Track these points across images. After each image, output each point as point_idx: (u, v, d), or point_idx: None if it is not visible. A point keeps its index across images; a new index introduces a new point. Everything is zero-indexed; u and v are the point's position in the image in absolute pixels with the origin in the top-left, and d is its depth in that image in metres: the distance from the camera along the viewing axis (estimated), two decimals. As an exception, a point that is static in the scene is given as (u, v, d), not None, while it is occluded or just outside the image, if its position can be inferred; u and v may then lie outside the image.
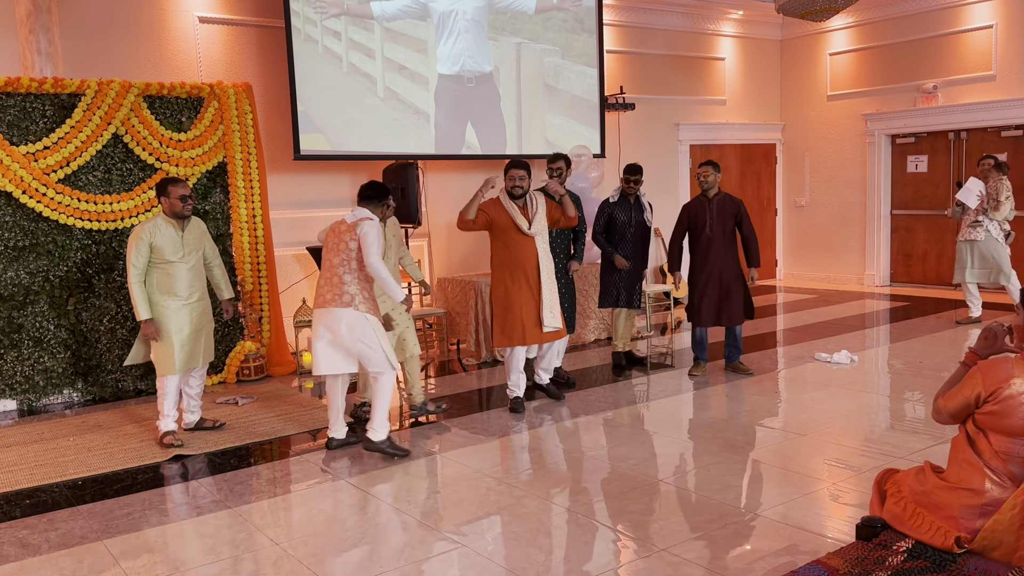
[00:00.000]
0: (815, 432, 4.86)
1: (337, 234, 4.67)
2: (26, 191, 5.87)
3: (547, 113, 9.11)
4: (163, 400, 4.95)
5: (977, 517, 2.54)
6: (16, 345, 5.96)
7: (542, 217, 5.48)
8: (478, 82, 8.58)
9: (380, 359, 4.59)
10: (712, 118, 11.35)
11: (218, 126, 6.58)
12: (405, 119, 8.17)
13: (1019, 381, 2.51)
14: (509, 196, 5.43)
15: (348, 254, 4.60)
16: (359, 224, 4.58)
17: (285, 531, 3.71)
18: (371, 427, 4.63)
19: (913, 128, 10.53)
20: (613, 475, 4.27)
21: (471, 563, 3.30)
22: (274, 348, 6.89)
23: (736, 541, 3.41)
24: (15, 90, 5.85)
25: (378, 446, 4.63)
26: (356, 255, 4.59)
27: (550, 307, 5.45)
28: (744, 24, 11.39)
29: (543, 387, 5.89)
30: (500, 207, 5.42)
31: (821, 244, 11.70)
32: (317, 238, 5.33)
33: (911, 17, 10.39)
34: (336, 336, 4.58)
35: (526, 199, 5.47)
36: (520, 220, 5.37)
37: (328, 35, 7.72)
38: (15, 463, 4.74)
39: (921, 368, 6.40)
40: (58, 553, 3.53)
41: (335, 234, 4.68)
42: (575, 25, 9.21)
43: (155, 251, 4.88)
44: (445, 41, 8.34)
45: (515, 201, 5.43)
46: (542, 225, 5.47)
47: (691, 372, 6.36)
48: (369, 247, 4.52)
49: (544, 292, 5.42)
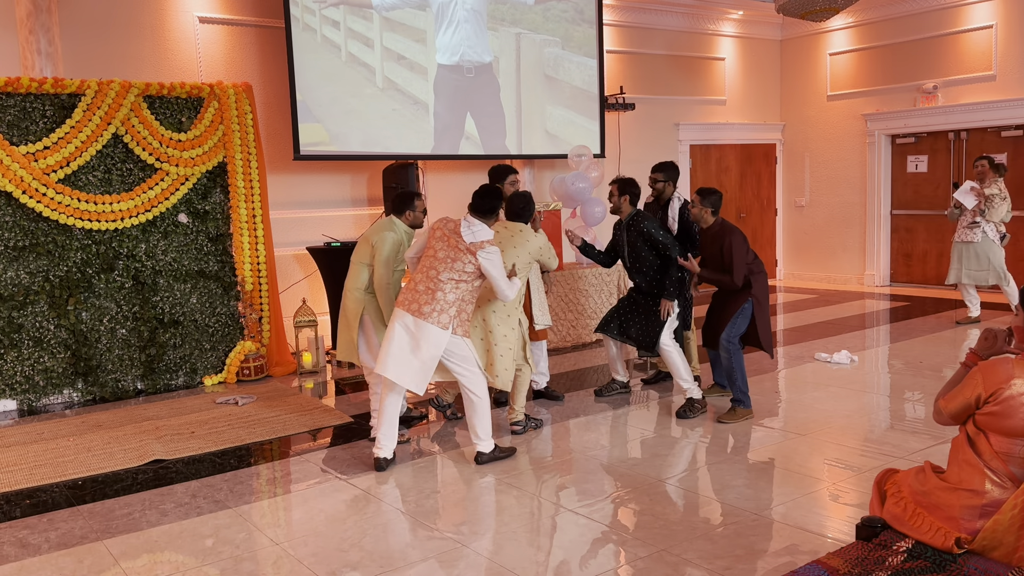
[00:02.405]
0: (815, 432, 4.86)
1: (450, 245, 4.32)
2: (26, 191, 5.87)
3: (547, 104, 9.10)
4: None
5: (977, 518, 2.54)
6: (16, 345, 5.96)
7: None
8: (477, 72, 8.56)
9: (477, 377, 4.41)
10: (712, 118, 11.35)
11: (218, 126, 6.58)
12: (404, 109, 8.16)
13: (1019, 382, 2.51)
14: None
15: (462, 275, 4.29)
16: (480, 249, 4.27)
17: (285, 531, 3.71)
18: (478, 441, 4.46)
19: (913, 128, 10.53)
20: (613, 475, 4.27)
21: (471, 563, 3.30)
22: (274, 348, 6.89)
23: (736, 541, 3.41)
24: (15, 90, 5.85)
25: (490, 457, 4.48)
26: (471, 276, 4.31)
27: (539, 306, 5.48)
28: (744, 24, 11.39)
29: (542, 391, 5.85)
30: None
31: (821, 244, 11.70)
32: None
33: (911, 17, 10.39)
34: (419, 350, 4.25)
35: None
36: None
37: (327, 24, 7.71)
38: (15, 463, 4.74)
39: (921, 368, 6.40)
40: (58, 553, 3.53)
41: (446, 243, 4.33)
42: (575, 16, 9.20)
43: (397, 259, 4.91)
44: (444, 31, 8.33)
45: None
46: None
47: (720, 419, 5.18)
48: (497, 279, 4.30)
49: (533, 292, 5.43)
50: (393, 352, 4.26)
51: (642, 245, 5.38)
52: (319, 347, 6.98)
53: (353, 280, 4.93)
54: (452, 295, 4.26)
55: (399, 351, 4.26)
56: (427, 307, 4.24)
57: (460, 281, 4.29)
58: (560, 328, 7.58)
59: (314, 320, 7.03)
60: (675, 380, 5.44)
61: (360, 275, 4.91)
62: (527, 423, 5.09)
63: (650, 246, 5.35)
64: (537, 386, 5.84)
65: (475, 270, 4.30)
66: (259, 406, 5.85)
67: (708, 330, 5.34)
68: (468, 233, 4.31)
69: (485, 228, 4.38)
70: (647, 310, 5.43)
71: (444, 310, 4.25)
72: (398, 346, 4.27)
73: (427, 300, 4.25)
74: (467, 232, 4.32)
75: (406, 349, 4.26)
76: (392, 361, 4.26)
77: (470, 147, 8.60)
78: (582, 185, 8.11)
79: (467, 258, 4.27)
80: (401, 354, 4.26)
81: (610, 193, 5.47)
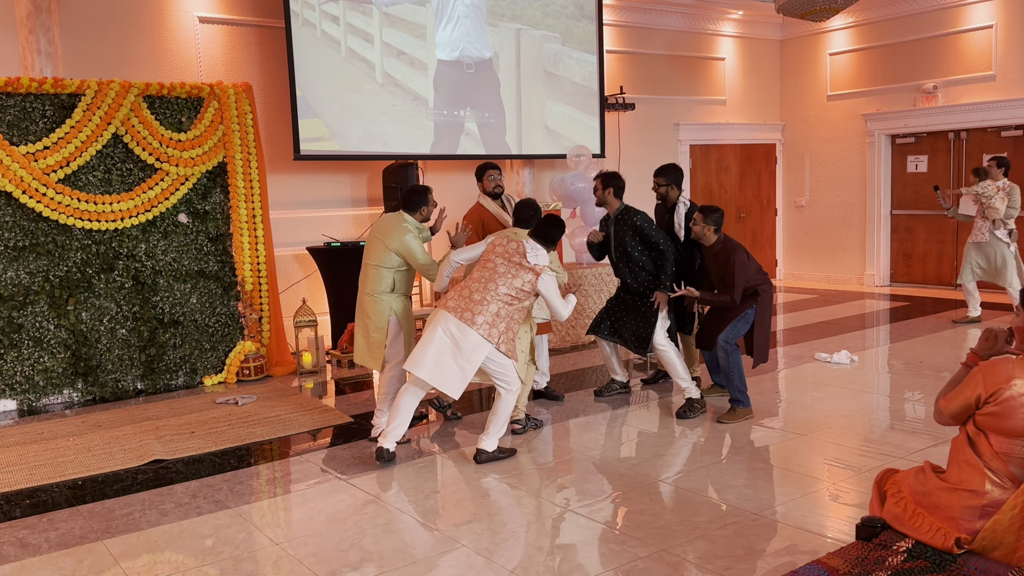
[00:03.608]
0: (815, 432, 4.86)
1: (512, 263, 4.45)
2: (26, 191, 5.87)
3: (547, 100, 9.09)
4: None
5: (977, 518, 2.54)
6: (16, 345, 5.96)
7: None
8: (477, 68, 8.56)
9: (512, 376, 4.46)
10: (712, 118, 11.35)
11: (218, 126, 6.58)
12: (404, 105, 8.15)
13: (1020, 382, 2.51)
14: (491, 196, 5.58)
15: (519, 292, 4.41)
16: (541, 274, 4.43)
17: (285, 531, 3.71)
18: (485, 438, 4.49)
19: (913, 128, 10.53)
20: (613, 475, 4.27)
21: (471, 563, 3.30)
22: (274, 348, 6.89)
23: (736, 541, 3.41)
24: (15, 90, 5.85)
25: (491, 455, 4.50)
26: (527, 294, 4.44)
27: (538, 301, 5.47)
28: (744, 24, 11.39)
29: (542, 391, 5.84)
30: (484, 211, 5.56)
31: (821, 244, 11.70)
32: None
33: (911, 17, 10.39)
34: (459, 355, 4.30)
35: (503, 199, 5.61)
36: (506, 218, 5.50)
37: (326, 19, 7.71)
38: (15, 463, 4.74)
39: (921, 368, 6.40)
40: (58, 553, 3.53)
41: (507, 260, 4.46)
42: (575, 11, 9.20)
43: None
44: (444, 26, 8.32)
45: (495, 201, 5.58)
46: None
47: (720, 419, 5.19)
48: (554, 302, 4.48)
49: None
50: (431, 354, 4.29)
51: (630, 240, 5.37)
52: (319, 347, 6.98)
53: (374, 284, 4.83)
54: (504, 310, 4.38)
55: (438, 354, 4.29)
56: (480, 317, 4.31)
57: (515, 298, 4.41)
58: (560, 328, 7.58)
59: (314, 320, 7.03)
60: (673, 380, 5.45)
61: (380, 279, 4.82)
62: (527, 423, 5.09)
63: (641, 242, 5.35)
64: (537, 386, 5.83)
65: (531, 290, 4.44)
66: (259, 406, 5.85)
67: (705, 332, 5.32)
68: (532, 256, 4.49)
69: (544, 253, 4.57)
70: (636, 310, 5.43)
71: (495, 324, 4.34)
72: (438, 349, 4.30)
73: (480, 310, 4.33)
74: (532, 255, 4.50)
75: (447, 353, 4.30)
76: (429, 362, 4.29)
77: (470, 143, 8.59)
78: (582, 185, 8.10)
79: (527, 276, 4.43)
80: (441, 357, 4.29)
81: (594, 188, 5.53)
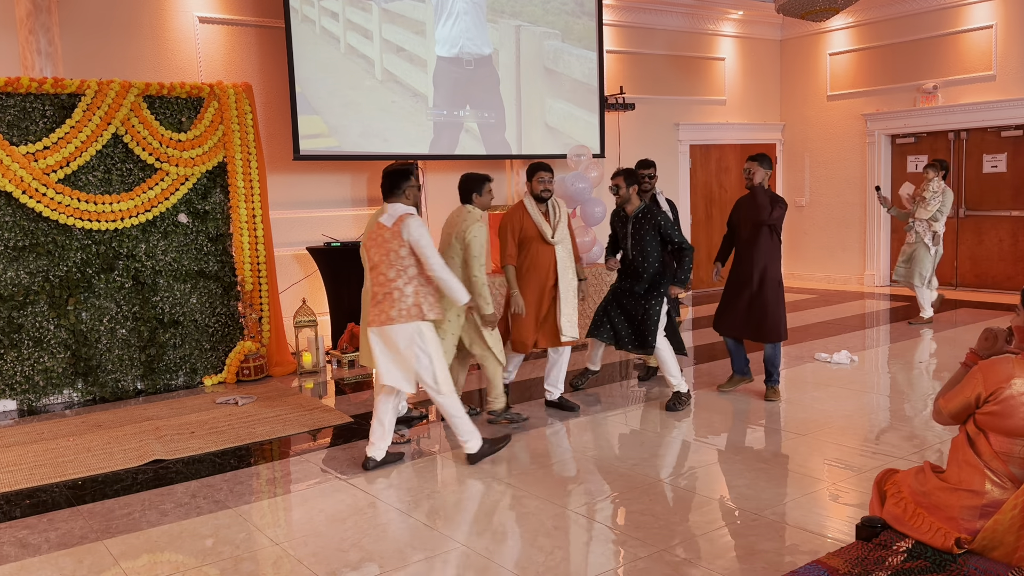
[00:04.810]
0: (815, 432, 4.86)
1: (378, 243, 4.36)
2: (26, 191, 5.87)
3: (547, 97, 9.08)
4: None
5: (977, 518, 2.54)
6: (16, 345, 5.96)
7: (564, 226, 5.38)
8: (477, 65, 8.55)
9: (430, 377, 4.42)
10: (712, 118, 11.35)
11: (218, 126, 6.58)
12: (403, 101, 8.15)
13: (1019, 382, 2.51)
14: (536, 200, 5.30)
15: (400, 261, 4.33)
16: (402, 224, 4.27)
17: (285, 531, 3.71)
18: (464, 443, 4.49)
19: (913, 128, 10.53)
20: (613, 475, 4.27)
21: (471, 563, 3.30)
22: (274, 348, 6.89)
23: (736, 541, 3.41)
24: (15, 90, 5.85)
25: (481, 453, 4.50)
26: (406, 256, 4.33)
27: (568, 316, 5.30)
28: (744, 24, 11.39)
29: (556, 403, 5.59)
30: (526, 215, 5.27)
31: (821, 244, 11.70)
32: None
33: (911, 17, 10.39)
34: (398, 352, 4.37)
35: (548, 205, 5.34)
36: (545, 228, 5.25)
37: (326, 16, 7.69)
38: (15, 463, 4.74)
39: (921, 368, 6.40)
40: (58, 553, 3.53)
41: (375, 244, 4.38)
42: (575, 8, 9.19)
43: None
44: (444, 23, 8.31)
45: (539, 206, 5.32)
46: (564, 234, 5.37)
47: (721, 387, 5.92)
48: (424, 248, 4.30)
49: (562, 301, 5.28)
50: (383, 363, 4.39)
51: (651, 239, 5.41)
52: (319, 347, 6.98)
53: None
54: (402, 288, 4.28)
55: (386, 360, 4.38)
56: (392, 311, 4.28)
57: (401, 270, 4.28)
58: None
59: (314, 320, 7.03)
60: (664, 376, 5.59)
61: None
62: (503, 414, 5.16)
63: (661, 240, 5.44)
64: (550, 396, 5.60)
65: (409, 251, 4.28)
66: (259, 406, 5.85)
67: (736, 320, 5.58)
68: (387, 218, 4.33)
69: (399, 205, 4.38)
70: (635, 310, 5.47)
71: (401, 301, 4.27)
72: (384, 356, 4.38)
73: (388, 304, 4.29)
74: (386, 218, 4.34)
75: (391, 357, 4.38)
76: (383, 369, 4.39)
77: (469, 140, 8.58)
78: (582, 185, 8.11)
79: (394, 242, 4.27)
80: (390, 363, 4.38)
81: (615, 186, 5.46)
